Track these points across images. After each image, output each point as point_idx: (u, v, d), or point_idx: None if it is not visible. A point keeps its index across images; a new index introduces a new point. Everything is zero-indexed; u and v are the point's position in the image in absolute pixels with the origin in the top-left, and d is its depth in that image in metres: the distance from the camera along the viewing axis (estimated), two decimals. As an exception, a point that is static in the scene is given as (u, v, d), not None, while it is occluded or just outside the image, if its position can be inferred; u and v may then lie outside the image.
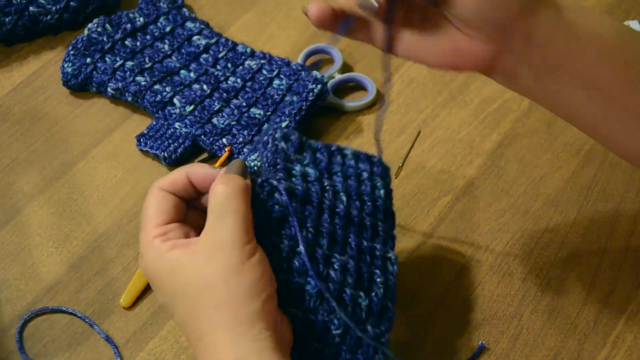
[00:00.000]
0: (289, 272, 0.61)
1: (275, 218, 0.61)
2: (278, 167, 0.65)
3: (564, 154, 0.84)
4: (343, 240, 0.64)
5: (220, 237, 0.57)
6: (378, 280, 0.64)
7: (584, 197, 0.80)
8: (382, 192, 0.68)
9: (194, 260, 0.58)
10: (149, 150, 0.84)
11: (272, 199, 0.62)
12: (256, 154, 0.81)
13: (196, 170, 0.62)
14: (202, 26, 0.93)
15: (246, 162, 0.81)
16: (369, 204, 0.67)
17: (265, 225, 0.61)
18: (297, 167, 0.66)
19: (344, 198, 0.66)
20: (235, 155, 0.82)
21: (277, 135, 0.67)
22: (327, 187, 0.65)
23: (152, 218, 0.60)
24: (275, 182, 0.62)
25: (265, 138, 0.68)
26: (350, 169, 0.68)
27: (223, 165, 0.81)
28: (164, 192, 0.62)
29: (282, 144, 0.67)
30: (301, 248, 0.61)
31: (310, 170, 0.66)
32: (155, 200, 0.61)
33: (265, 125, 0.84)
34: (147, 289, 0.75)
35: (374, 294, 0.64)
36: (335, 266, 0.62)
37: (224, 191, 0.58)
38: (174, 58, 0.90)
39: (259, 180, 0.62)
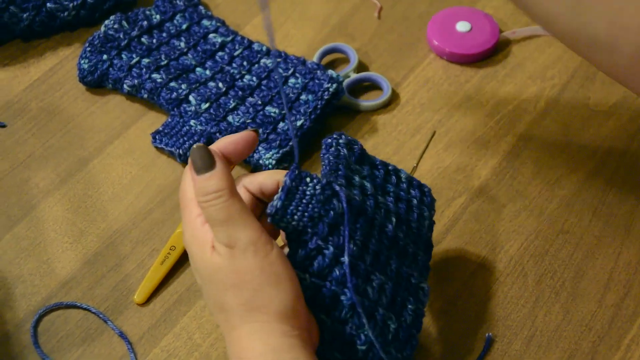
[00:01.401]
0: (327, 279, 0.61)
1: (327, 223, 0.61)
2: (339, 173, 0.64)
3: (580, 155, 0.83)
4: (385, 261, 0.64)
5: (241, 241, 0.58)
6: (410, 307, 0.65)
7: (599, 199, 0.80)
8: (427, 222, 0.69)
9: (225, 259, 0.59)
10: (164, 147, 0.84)
11: (330, 204, 0.61)
12: (271, 152, 0.81)
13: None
14: (218, 24, 0.93)
15: (261, 160, 0.81)
16: (415, 231, 0.67)
17: (314, 226, 0.61)
18: (356, 178, 0.66)
19: (394, 219, 0.66)
20: (250, 154, 0.82)
21: (341, 141, 0.67)
22: (381, 205, 0.65)
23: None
24: (337, 188, 0.61)
25: (329, 141, 0.67)
26: (402, 192, 0.68)
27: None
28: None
29: (345, 151, 0.66)
30: (345, 258, 0.61)
31: (367, 184, 0.66)
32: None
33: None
34: (161, 286, 0.75)
35: (403, 319, 0.64)
36: (374, 284, 0.62)
37: (216, 209, 0.59)
38: (189, 55, 0.90)
39: (323, 180, 0.61)
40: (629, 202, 0.80)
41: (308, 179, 0.61)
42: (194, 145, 0.60)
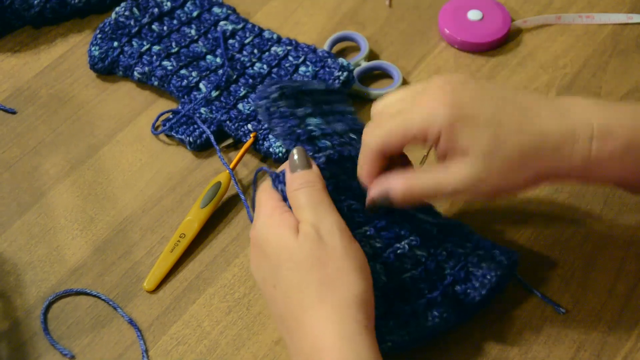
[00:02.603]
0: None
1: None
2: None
3: (591, 145, 0.83)
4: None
5: (322, 225, 0.62)
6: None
7: (610, 190, 0.80)
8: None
9: (310, 238, 0.62)
10: (174, 134, 0.84)
11: None
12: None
13: None
14: (228, 11, 0.93)
15: (271, 149, 0.81)
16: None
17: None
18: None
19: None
20: (260, 142, 0.82)
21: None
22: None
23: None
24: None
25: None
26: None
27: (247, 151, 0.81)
28: None
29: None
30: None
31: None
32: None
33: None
34: (170, 273, 0.76)
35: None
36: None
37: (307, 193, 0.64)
38: (200, 43, 0.90)
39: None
40: (640, 193, 0.79)
41: None
42: (295, 148, 0.67)
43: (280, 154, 0.82)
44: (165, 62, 0.88)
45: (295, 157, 0.66)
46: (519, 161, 0.62)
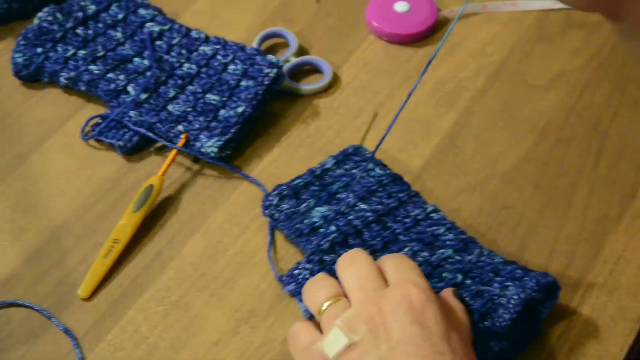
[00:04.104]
0: None
1: None
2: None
3: (520, 131, 0.84)
4: None
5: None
6: None
7: (541, 173, 0.81)
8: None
9: None
10: (104, 139, 0.83)
11: None
12: (213, 140, 0.80)
13: None
14: (155, 13, 0.92)
15: (202, 149, 0.81)
16: None
17: None
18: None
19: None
20: (192, 143, 0.82)
21: None
22: None
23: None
24: None
25: None
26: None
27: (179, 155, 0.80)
28: None
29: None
30: None
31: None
32: None
33: None
34: (105, 279, 0.75)
35: None
36: None
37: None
38: (127, 46, 0.89)
39: None
40: (570, 175, 0.80)
41: None
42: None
43: (212, 154, 0.81)
44: (91, 67, 0.87)
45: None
46: None
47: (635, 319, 0.71)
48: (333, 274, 0.67)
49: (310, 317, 0.68)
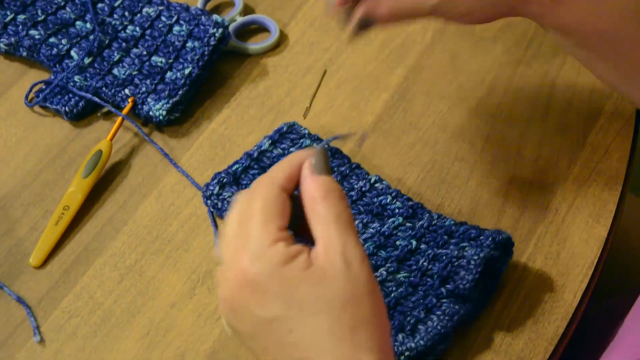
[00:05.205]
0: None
1: None
2: None
3: (469, 83, 0.84)
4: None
5: (348, 249, 0.53)
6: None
7: (491, 125, 0.81)
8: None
9: (330, 274, 0.52)
10: (50, 105, 0.81)
11: None
12: (161, 103, 0.79)
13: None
14: (95, -26, 0.90)
15: (150, 112, 0.79)
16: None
17: None
18: None
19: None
20: (139, 106, 0.80)
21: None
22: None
23: (273, 219, 0.53)
24: None
25: None
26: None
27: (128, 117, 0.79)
28: (284, 193, 0.55)
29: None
30: None
31: None
32: (277, 200, 0.54)
33: None
34: (57, 247, 0.74)
35: None
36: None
37: (329, 205, 0.54)
38: (68, 9, 0.87)
39: None
40: (519, 126, 0.81)
41: None
42: (318, 149, 0.56)
43: (160, 117, 0.80)
44: (32, 31, 0.84)
45: (315, 161, 0.56)
46: None
47: (588, 265, 0.72)
48: None
49: None
